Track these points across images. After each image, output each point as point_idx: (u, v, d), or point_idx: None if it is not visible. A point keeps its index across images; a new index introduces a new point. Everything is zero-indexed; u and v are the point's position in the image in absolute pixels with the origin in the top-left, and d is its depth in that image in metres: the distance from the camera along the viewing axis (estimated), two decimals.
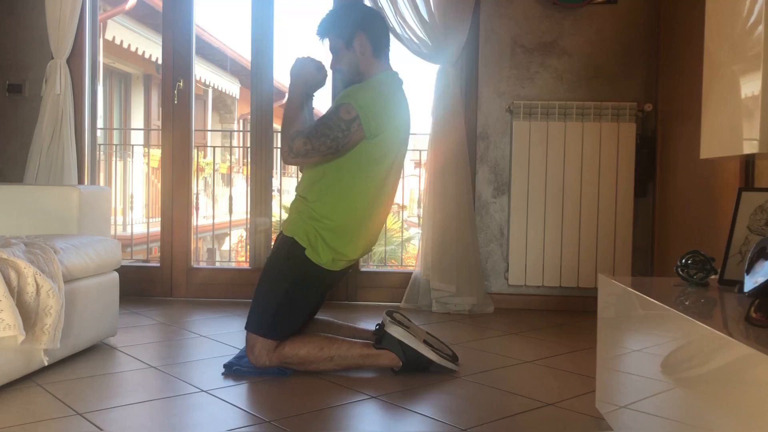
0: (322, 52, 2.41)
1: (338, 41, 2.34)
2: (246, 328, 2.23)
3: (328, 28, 2.37)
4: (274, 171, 4.02)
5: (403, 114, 2.36)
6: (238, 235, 7.88)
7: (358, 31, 2.32)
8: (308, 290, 2.26)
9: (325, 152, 2.19)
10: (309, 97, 2.36)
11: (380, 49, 2.36)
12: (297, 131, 2.20)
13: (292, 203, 2.37)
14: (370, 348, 2.22)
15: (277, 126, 3.52)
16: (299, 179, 2.41)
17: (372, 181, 2.28)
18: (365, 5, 2.48)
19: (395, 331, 2.22)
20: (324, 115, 2.24)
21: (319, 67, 2.32)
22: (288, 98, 2.32)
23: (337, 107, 2.22)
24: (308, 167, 2.32)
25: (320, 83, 2.37)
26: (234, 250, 7.60)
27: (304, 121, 2.27)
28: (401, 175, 2.46)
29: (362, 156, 2.25)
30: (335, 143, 2.18)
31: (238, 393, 2.03)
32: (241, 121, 11.25)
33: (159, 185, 4.06)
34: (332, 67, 2.39)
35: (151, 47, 7.90)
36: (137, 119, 8.72)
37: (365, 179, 2.27)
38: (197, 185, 4.99)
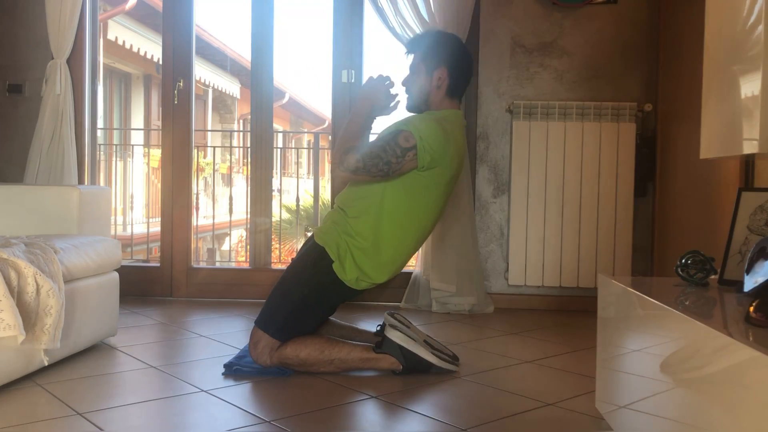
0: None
1: (420, 64, 2.34)
2: (255, 322, 2.23)
3: (418, 47, 2.37)
4: (274, 171, 4.02)
5: (459, 154, 2.32)
6: (238, 235, 7.88)
7: (444, 65, 2.32)
8: (324, 301, 2.27)
9: (375, 173, 2.19)
10: (372, 119, 2.36)
11: (456, 90, 2.37)
12: (353, 146, 2.20)
13: (330, 213, 2.36)
14: (370, 352, 2.22)
15: (277, 126, 3.51)
16: (342, 190, 2.39)
17: (414, 212, 2.27)
18: (462, 43, 2.45)
19: (395, 336, 2.22)
20: (382, 137, 2.23)
21: (391, 96, 2.32)
22: (351, 116, 2.32)
23: (397, 133, 2.20)
24: (354, 182, 2.32)
25: (386, 111, 2.36)
26: (234, 250, 7.61)
27: (362, 140, 2.27)
28: (443, 212, 2.41)
29: (410, 185, 2.24)
30: (387, 167, 2.17)
31: (238, 393, 2.03)
32: (241, 121, 11.25)
33: (159, 185, 4.06)
34: (403, 83, 2.39)
35: (151, 47, 7.90)
36: (137, 119, 8.72)
37: (407, 209, 2.26)
38: (197, 185, 4.99)
